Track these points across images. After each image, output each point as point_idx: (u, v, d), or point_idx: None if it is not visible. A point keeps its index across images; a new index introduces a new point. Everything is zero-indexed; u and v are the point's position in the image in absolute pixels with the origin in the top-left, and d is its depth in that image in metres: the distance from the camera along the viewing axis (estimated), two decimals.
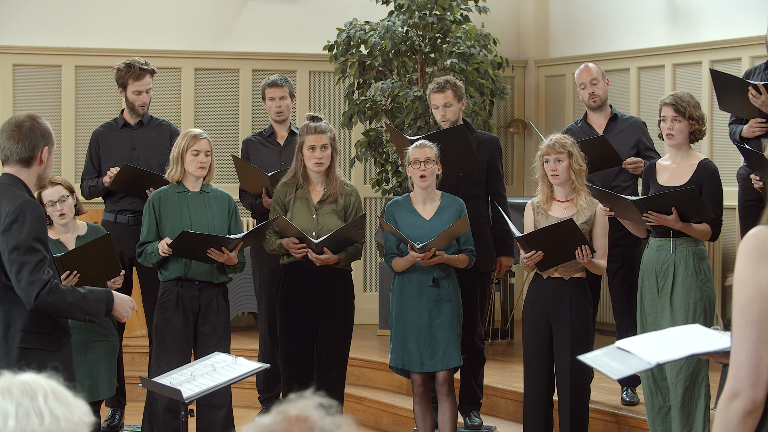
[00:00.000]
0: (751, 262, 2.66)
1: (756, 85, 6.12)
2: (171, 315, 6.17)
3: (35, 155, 4.52)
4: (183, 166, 6.23)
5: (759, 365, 2.67)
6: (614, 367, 3.24)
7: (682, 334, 3.31)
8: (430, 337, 6.15)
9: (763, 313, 2.65)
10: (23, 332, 4.43)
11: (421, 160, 6.11)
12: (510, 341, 8.95)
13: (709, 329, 3.30)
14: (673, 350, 3.17)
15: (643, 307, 6.02)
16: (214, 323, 6.20)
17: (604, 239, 5.99)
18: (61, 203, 6.27)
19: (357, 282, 9.76)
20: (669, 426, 5.91)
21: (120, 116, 7.32)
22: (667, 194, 5.84)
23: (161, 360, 6.13)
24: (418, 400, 6.28)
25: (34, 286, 4.37)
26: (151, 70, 7.18)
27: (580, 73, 7.11)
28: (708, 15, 8.77)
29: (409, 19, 8.82)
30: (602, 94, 7.08)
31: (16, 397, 2.05)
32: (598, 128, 7.07)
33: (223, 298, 6.26)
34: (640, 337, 3.36)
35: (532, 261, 5.86)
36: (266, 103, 7.28)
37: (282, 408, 1.98)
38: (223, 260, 6.06)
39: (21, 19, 9.43)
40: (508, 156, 10.03)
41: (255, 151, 7.21)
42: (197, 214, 6.21)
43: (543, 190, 6.07)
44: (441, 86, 6.69)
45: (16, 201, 4.43)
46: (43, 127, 4.57)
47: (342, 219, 6.27)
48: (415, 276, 6.18)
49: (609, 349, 3.33)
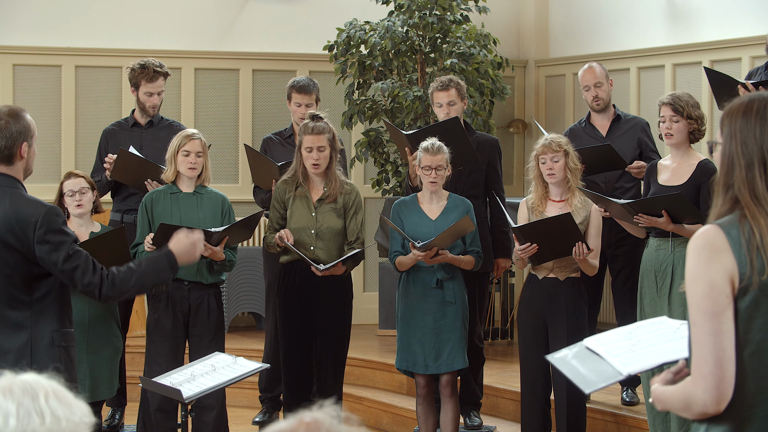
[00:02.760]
0: (703, 259, 2.74)
1: (745, 84, 6.13)
2: (161, 315, 6.17)
3: (14, 153, 4.48)
4: (176, 166, 6.23)
5: (722, 358, 2.70)
6: (584, 376, 3.21)
7: (652, 332, 3.31)
8: (435, 339, 6.14)
9: (720, 306, 2.72)
10: (59, 332, 4.47)
11: (433, 167, 6.11)
12: (510, 341, 8.95)
13: (679, 323, 3.29)
14: (643, 357, 3.17)
15: (643, 306, 6.03)
16: (205, 324, 6.18)
17: (598, 239, 6.00)
18: (80, 195, 6.34)
19: (357, 282, 9.76)
20: (669, 426, 5.91)
21: (130, 115, 7.32)
22: (655, 198, 5.88)
23: (151, 360, 6.14)
24: (421, 401, 6.28)
25: (91, 288, 4.41)
26: (165, 73, 7.17)
27: (584, 75, 7.08)
28: (708, 15, 8.77)
29: (409, 19, 8.82)
30: (606, 97, 7.06)
31: (17, 396, 2.06)
32: (601, 129, 7.07)
33: (215, 299, 6.24)
34: (609, 336, 3.34)
35: (526, 254, 5.86)
36: (291, 105, 7.19)
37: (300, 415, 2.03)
38: (208, 254, 6.02)
39: (21, 19, 9.43)
40: (508, 156, 10.04)
41: (273, 150, 7.17)
42: (188, 215, 6.19)
43: (537, 190, 6.07)
44: (445, 84, 6.69)
45: (41, 209, 4.42)
46: (20, 123, 4.48)
47: (341, 217, 6.28)
48: (420, 277, 6.18)
49: (578, 350, 3.30)
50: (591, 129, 7.09)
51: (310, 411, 2.04)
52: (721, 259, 2.73)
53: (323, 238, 6.23)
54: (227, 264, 6.19)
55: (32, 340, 4.42)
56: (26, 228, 4.37)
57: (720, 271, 2.73)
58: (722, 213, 2.80)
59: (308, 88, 7.10)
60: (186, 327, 6.19)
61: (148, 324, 6.25)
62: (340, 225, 6.26)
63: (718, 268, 2.73)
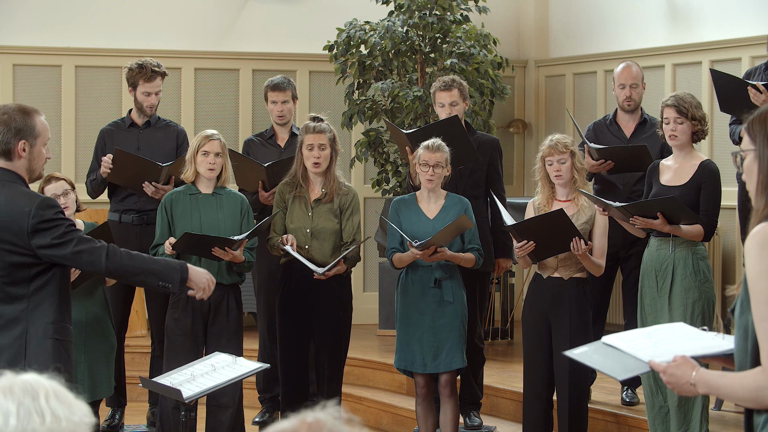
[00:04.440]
0: (766, 255, 2.78)
1: (756, 85, 6.13)
2: (180, 315, 6.18)
3: (11, 149, 4.48)
4: (195, 167, 6.24)
5: None
6: (612, 366, 3.23)
7: (672, 333, 3.31)
8: (434, 338, 6.14)
9: None
10: (54, 324, 4.47)
11: (431, 165, 6.11)
12: (510, 341, 8.95)
13: (697, 329, 3.30)
14: (670, 351, 3.17)
15: (643, 306, 6.03)
16: (224, 323, 6.20)
17: (604, 239, 6.00)
18: (64, 197, 6.33)
19: (357, 282, 9.77)
20: (669, 426, 5.92)
21: (128, 115, 7.32)
22: (649, 201, 5.89)
23: (171, 359, 6.13)
24: (420, 401, 6.28)
25: (94, 257, 4.49)
26: (163, 73, 7.17)
27: (622, 72, 7.03)
28: (708, 15, 8.77)
29: (409, 19, 8.82)
30: (638, 99, 7.03)
31: (17, 396, 2.06)
32: (626, 130, 7.04)
33: (234, 298, 6.26)
34: (627, 334, 3.35)
35: (523, 251, 5.88)
36: (268, 104, 7.26)
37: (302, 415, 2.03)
38: (229, 259, 6.07)
39: (21, 19, 9.43)
40: (508, 156, 10.03)
41: (255, 152, 7.21)
42: (208, 216, 6.21)
43: (543, 191, 6.08)
44: (448, 85, 6.69)
45: (35, 200, 4.44)
46: (25, 121, 4.49)
47: (337, 218, 6.29)
48: (418, 277, 6.18)
49: (596, 346, 3.32)
50: (616, 128, 7.06)
51: (312, 411, 2.04)
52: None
53: (318, 237, 6.25)
54: (246, 265, 6.23)
55: (27, 333, 4.43)
56: (20, 219, 4.38)
57: None
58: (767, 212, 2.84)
59: (282, 85, 7.19)
60: (205, 326, 6.20)
61: (167, 324, 6.25)
62: (336, 226, 6.27)
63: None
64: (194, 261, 6.11)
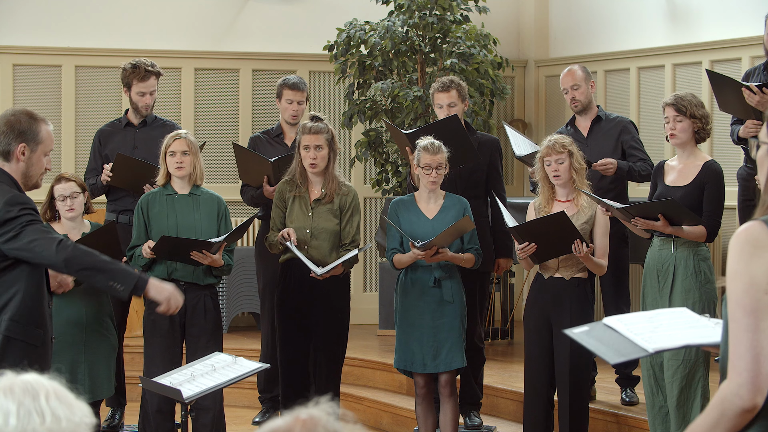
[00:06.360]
0: (745, 255, 2.72)
1: (750, 87, 6.13)
2: (157, 315, 6.15)
3: (11, 150, 4.47)
4: (166, 168, 6.24)
5: (760, 354, 2.68)
6: (605, 350, 3.20)
7: (673, 319, 3.30)
8: (433, 338, 6.14)
9: (760, 303, 2.69)
10: (10, 321, 4.42)
11: (433, 167, 6.11)
12: (510, 341, 8.96)
13: (700, 316, 3.29)
14: (668, 338, 3.16)
15: (645, 305, 6.03)
16: (202, 324, 6.17)
17: (605, 239, 6.00)
18: (71, 199, 6.32)
19: (357, 282, 9.77)
20: (669, 426, 5.92)
21: (124, 116, 7.32)
22: (649, 204, 5.89)
23: (148, 360, 6.15)
24: (420, 401, 6.28)
25: (47, 250, 4.40)
26: (157, 72, 7.16)
27: (563, 77, 7.08)
28: (708, 15, 8.77)
29: (409, 19, 8.82)
30: (583, 99, 7.03)
31: (17, 396, 2.06)
32: (583, 131, 7.05)
33: (211, 299, 6.23)
34: (629, 317, 3.34)
35: (525, 253, 5.88)
36: (281, 103, 7.25)
37: (296, 412, 2.03)
38: (207, 263, 6.06)
39: (21, 19, 9.43)
40: (508, 156, 10.02)
41: (262, 149, 7.19)
42: (184, 217, 6.19)
43: (543, 192, 6.08)
44: (446, 86, 6.69)
45: (3, 197, 4.42)
46: (29, 125, 4.50)
47: (337, 219, 6.28)
48: (418, 277, 6.18)
49: (596, 327, 3.28)
50: (575, 132, 7.07)
51: (306, 408, 2.04)
52: (763, 255, 2.70)
53: (318, 237, 6.24)
54: (225, 268, 6.21)
55: None
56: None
57: (761, 268, 2.70)
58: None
59: (299, 85, 7.23)
60: (183, 327, 6.18)
61: (144, 325, 6.25)
62: (336, 226, 6.27)
63: (760, 264, 2.70)
64: (168, 263, 6.10)
